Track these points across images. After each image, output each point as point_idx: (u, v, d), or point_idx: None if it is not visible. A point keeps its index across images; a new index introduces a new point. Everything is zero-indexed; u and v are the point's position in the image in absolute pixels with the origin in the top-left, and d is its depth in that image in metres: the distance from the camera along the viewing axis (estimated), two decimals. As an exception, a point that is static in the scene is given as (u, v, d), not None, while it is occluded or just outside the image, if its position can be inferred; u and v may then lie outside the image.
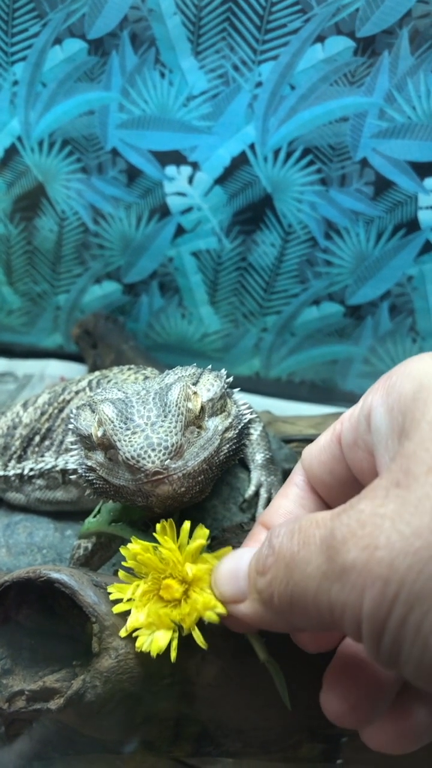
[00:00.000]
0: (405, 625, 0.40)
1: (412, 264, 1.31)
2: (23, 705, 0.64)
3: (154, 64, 1.21)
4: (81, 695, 0.61)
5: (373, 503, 0.43)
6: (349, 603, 0.43)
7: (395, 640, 0.41)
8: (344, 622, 0.44)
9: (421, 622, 0.40)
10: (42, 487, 0.97)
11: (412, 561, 0.40)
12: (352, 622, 0.43)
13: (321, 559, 0.45)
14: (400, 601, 0.40)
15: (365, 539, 0.42)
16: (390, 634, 0.41)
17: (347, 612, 0.43)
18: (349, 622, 0.43)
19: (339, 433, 0.57)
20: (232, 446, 0.73)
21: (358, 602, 0.42)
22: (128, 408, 0.66)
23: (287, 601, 0.47)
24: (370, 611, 0.42)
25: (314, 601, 0.45)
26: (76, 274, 1.47)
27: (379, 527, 0.42)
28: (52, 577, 0.63)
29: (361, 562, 0.42)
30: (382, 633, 0.42)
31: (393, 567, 0.40)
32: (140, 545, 0.61)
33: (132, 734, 0.66)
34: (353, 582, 0.42)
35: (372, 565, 0.41)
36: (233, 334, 1.47)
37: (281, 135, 1.23)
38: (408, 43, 1.12)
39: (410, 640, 0.41)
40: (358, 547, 0.42)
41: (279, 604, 0.48)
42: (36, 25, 1.21)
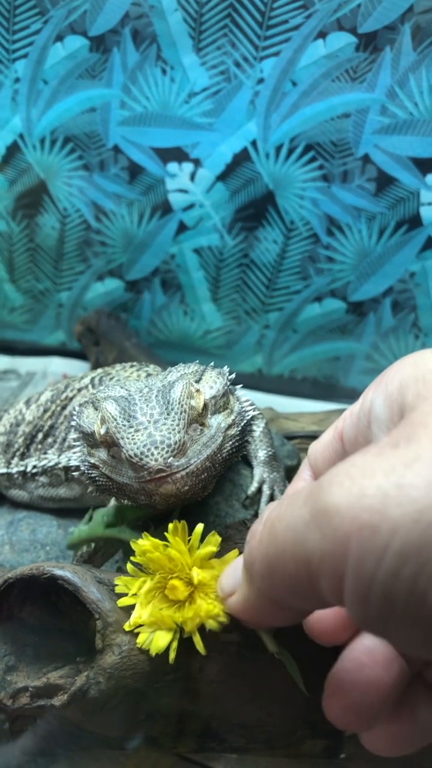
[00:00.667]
0: (397, 579, 0.36)
1: (414, 260, 1.31)
2: (27, 701, 0.65)
3: (156, 60, 1.21)
4: (84, 692, 0.61)
5: (365, 457, 0.40)
6: (328, 553, 0.38)
7: (386, 596, 0.37)
8: (322, 577, 0.39)
9: (417, 576, 0.36)
10: (45, 485, 0.97)
11: (407, 510, 0.36)
12: (332, 577, 0.39)
13: (304, 509, 0.40)
14: (392, 552, 0.36)
15: (354, 487, 0.38)
16: (379, 590, 0.37)
17: (326, 564, 0.39)
18: (329, 577, 0.39)
19: (341, 430, 0.56)
20: (235, 443, 0.73)
21: (341, 552, 0.38)
22: (131, 405, 0.66)
23: (266, 565, 0.44)
24: (355, 563, 0.37)
25: (292, 557, 0.41)
26: (78, 272, 1.47)
27: (370, 477, 0.38)
28: (55, 573, 0.63)
29: (346, 506, 0.37)
30: (369, 588, 0.37)
31: (384, 514, 0.36)
32: (150, 542, 0.61)
33: (135, 730, 0.66)
34: (335, 528, 0.38)
35: (359, 510, 0.37)
36: (235, 331, 1.47)
37: (283, 131, 1.23)
38: (410, 38, 1.12)
39: (403, 596, 0.36)
40: (343, 490, 0.38)
41: (259, 570, 0.45)
42: (37, 22, 1.21)
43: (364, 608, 0.38)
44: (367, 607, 0.38)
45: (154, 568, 0.61)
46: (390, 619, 0.38)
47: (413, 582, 0.36)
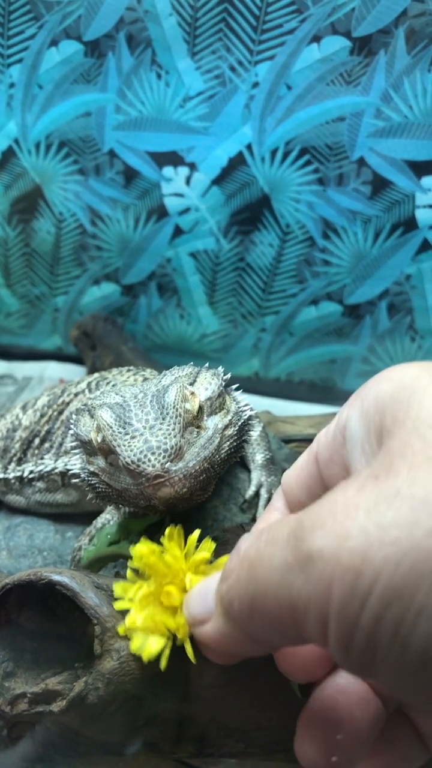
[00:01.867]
0: (381, 624, 0.36)
1: (410, 263, 1.31)
2: (25, 707, 0.64)
3: (151, 65, 1.21)
4: (83, 697, 0.61)
5: (346, 494, 0.39)
6: (314, 597, 0.38)
7: (369, 640, 0.36)
8: (307, 621, 0.39)
9: (400, 621, 0.35)
10: (42, 490, 0.97)
11: (390, 552, 0.35)
12: (316, 621, 0.38)
13: (286, 551, 0.40)
14: (375, 596, 0.35)
15: (336, 528, 0.37)
16: (362, 634, 0.36)
17: (311, 608, 0.38)
18: (314, 621, 0.38)
19: (315, 451, 0.54)
20: (232, 443, 0.73)
21: (325, 596, 0.37)
22: (126, 412, 0.66)
23: (247, 604, 0.43)
24: (338, 607, 0.37)
25: (275, 599, 0.40)
26: (74, 276, 1.47)
27: (352, 517, 0.37)
28: (53, 579, 0.63)
29: (329, 550, 0.37)
30: (353, 632, 0.37)
31: (366, 558, 0.35)
32: (147, 547, 0.61)
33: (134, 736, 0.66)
34: (320, 573, 0.37)
35: (342, 554, 0.36)
36: (232, 334, 1.47)
37: (278, 135, 1.23)
38: (404, 42, 1.12)
39: (387, 640, 0.36)
40: (326, 535, 0.37)
41: (239, 609, 0.44)
42: (32, 27, 1.21)
43: (348, 653, 0.38)
44: (351, 652, 0.38)
45: (151, 573, 0.60)
46: (374, 664, 0.37)
47: (396, 627, 0.35)
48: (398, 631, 0.35)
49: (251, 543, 0.44)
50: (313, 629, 0.39)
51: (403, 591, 0.35)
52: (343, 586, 0.36)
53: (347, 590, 0.36)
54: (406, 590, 0.35)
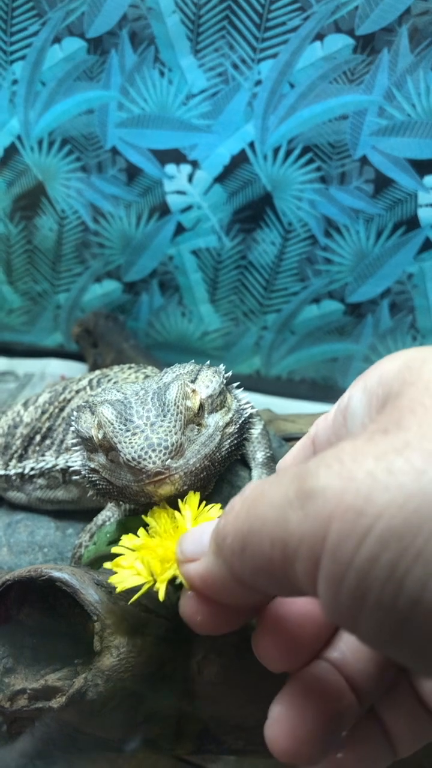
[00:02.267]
0: (376, 564, 0.35)
1: (412, 262, 1.31)
2: (25, 704, 0.64)
3: (154, 62, 1.21)
4: (83, 694, 0.61)
5: (354, 443, 0.38)
6: (309, 533, 0.37)
7: (361, 582, 0.35)
8: (298, 560, 0.38)
9: (396, 562, 0.34)
10: (43, 486, 0.97)
11: (394, 495, 0.35)
12: (307, 559, 0.37)
13: (289, 489, 0.39)
14: (374, 536, 0.35)
15: (342, 470, 0.37)
16: (355, 575, 0.36)
17: (305, 545, 0.37)
18: (305, 560, 0.38)
19: (312, 435, 0.53)
20: (233, 441, 0.73)
21: (321, 533, 0.36)
22: (127, 409, 0.66)
23: (240, 539, 0.42)
24: (334, 544, 0.36)
25: (269, 534, 0.39)
26: (76, 273, 1.47)
27: (359, 462, 0.37)
28: (53, 575, 0.63)
29: (333, 488, 0.36)
30: (345, 573, 0.36)
31: (370, 499, 0.35)
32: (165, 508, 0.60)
33: (134, 732, 0.66)
34: (319, 509, 0.37)
35: (345, 493, 0.36)
36: (233, 332, 1.47)
37: (281, 133, 1.23)
38: (407, 40, 1.12)
39: (380, 582, 0.35)
40: (331, 474, 0.37)
41: (231, 544, 0.43)
42: (35, 24, 1.21)
43: (337, 594, 0.37)
44: (340, 593, 0.37)
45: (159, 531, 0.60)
46: (363, 608, 0.36)
47: (391, 569, 0.35)
48: (393, 573, 0.35)
49: (257, 484, 0.43)
50: (302, 569, 0.38)
51: (403, 533, 0.34)
52: (342, 523, 0.36)
53: (345, 528, 0.36)
54: (407, 532, 0.34)
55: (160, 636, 0.63)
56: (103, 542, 0.72)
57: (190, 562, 0.49)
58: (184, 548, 0.51)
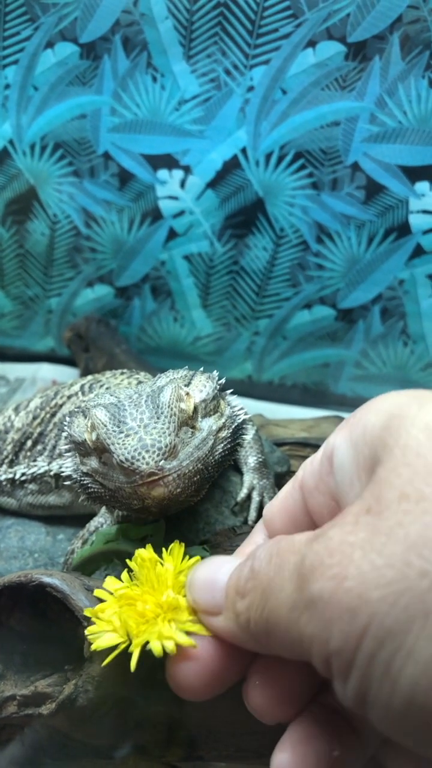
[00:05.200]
0: (373, 663, 0.37)
1: (403, 268, 1.32)
2: (15, 710, 0.64)
3: (146, 68, 1.21)
4: (73, 700, 0.61)
5: (342, 530, 0.40)
6: (316, 636, 0.40)
7: (363, 678, 0.38)
8: (313, 655, 0.41)
9: (391, 660, 0.36)
10: (34, 492, 0.97)
11: (384, 593, 0.37)
12: (320, 657, 0.40)
13: (292, 587, 0.42)
14: (370, 636, 0.37)
15: (333, 568, 0.39)
16: (358, 672, 0.38)
17: (315, 645, 0.40)
18: (318, 656, 0.40)
19: (301, 479, 0.54)
20: (226, 446, 0.73)
21: (326, 635, 0.39)
22: (120, 411, 0.66)
23: (263, 628, 0.45)
24: (337, 646, 0.38)
25: (287, 631, 0.42)
26: (68, 278, 1.47)
27: (348, 556, 0.39)
28: (43, 581, 0.63)
29: (328, 592, 0.39)
30: (349, 670, 0.38)
31: (363, 598, 0.37)
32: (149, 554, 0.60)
33: (124, 739, 0.65)
34: (320, 613, 0.39)
35: (340, 595, 0.38)
36: (225, 337, 1.48)
37: (273, 139, 1.23)
38: (399, 48, 1.12)
39: (378, 679, 0.37)
40: (325, 576, 0.39)
41: (255, 630, 0.46)
42: (28, 29, 1.21)
43: (344, 690, 0.39)
44: (347, 689, 0.39)
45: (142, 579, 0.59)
46: (365, 704, 0.38)
47: (387, 667, 0.36)
48: (388, 672, 0.36)
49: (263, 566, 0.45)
50: (319, 664, 0.41)
51: (396, 632, 0.36)
52: (340, 626, 0.38)
53: (344, 630, 0.38)
54: (398, 631, 0.36)
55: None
56: (99, 543, 0.72)
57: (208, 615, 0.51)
58: (199, 599, 0.52)
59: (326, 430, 1.09)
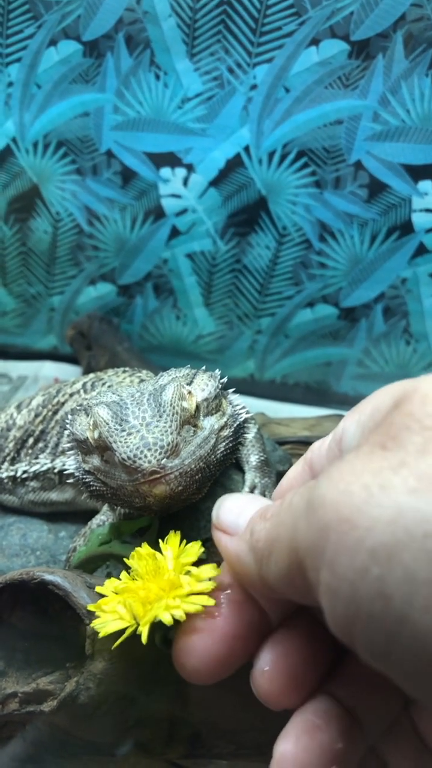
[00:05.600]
0: (366, 578, 0.36)
1: (405, 266, 1.31)
2: (16, 707, 0.64)
3: (149, 66, 1.21)
4: (74, 697, 0.61)
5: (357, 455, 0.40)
6: (311, 544, 0.39)
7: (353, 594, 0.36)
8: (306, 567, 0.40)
9: (384, 578, 0.35)
10: (36, 489, 0.97)
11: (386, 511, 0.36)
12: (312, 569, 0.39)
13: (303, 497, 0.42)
14: (365, 549, 0.36)
15: (340, 484, 0.39)
16: (348, 586, 0.37)
17: (309, 555, 0.39)
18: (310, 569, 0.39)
19: (310, 459, 0.54)
20: (228, 444, 0.73)
21: (321, 544, 0.38)
22: (123, 410, 0.67)
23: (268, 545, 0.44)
24: (331, 556, 0.37)
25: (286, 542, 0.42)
26: (70, 276, 1.47)
27: (357, 476, 0.38)
28: (45, 579, 0.63)
29: (331, 499, 0.38)
30: (339, 584, 0.37)
31: (363, 512, 0.36)
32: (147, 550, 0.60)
33: (125, 736, 0.65)
34: (319, 519, 0.38)
35: (340, 505, 0.37)
36: (228, 336, 1.47)
37: (276, 137, 1.23)
38: (402, 46, 1.12)
39: (370, 597, 0.36)
40: (332, 487, 0.39)
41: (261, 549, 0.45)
42: (31, 27, 1.21)
43: (333, 607, 0.38)
44: (336, 606, 0.38)
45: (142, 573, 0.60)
46: (355, 622, 0.37)
47: (380, 584, 0.35)
48: (382, 589, 0.35)
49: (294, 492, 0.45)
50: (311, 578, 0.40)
51: (392, 549, 0.35)
52: (337, 535, 0.37)
53: (340, 540, 0.37)
54: (395, 548, 0.35)
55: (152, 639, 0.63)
56: (95, 544, 0.72)
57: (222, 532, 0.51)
58: (219, 513, 0.52)
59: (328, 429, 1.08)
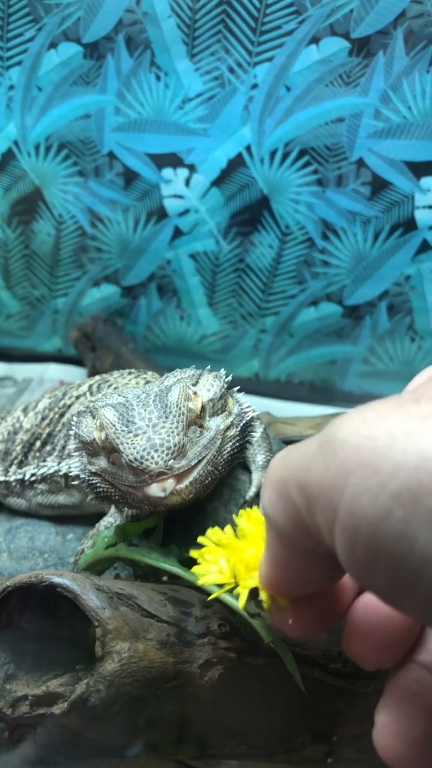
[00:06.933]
0: (389, 519, 0.35)
1: (409, 263, 1.31)
2: (27, 710, 0.64)
3: (150, 66, 1.21)
4: (85, 699, 0.61)
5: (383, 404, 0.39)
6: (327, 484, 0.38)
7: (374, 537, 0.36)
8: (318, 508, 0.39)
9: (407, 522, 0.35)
10: (44, 492, 0.97)
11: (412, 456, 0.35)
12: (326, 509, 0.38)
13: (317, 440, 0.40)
14: (388, 493, 0.35)
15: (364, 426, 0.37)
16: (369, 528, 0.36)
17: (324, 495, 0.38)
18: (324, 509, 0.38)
19: None
20: (235, 444, 0.73)
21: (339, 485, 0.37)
22: (129, 411, 0.67)
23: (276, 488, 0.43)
24: (350, 497, 0.36)
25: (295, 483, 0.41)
26: (74, 278, 1.47)
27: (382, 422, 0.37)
28: (54, 581, 0.63)
29: (352, 441, 0.37)
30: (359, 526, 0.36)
31: (387, 456, 0.35)
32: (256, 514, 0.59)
33: (136, 737, 0.66)
34: (338, 461, 0.37)
35: (363, 448, 0.36)
36: (232, 335, 1.47)
37: (277, 136, 1.23)
38: (402, 43, 1.12)
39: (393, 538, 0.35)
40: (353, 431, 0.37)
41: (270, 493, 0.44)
42: (31, 30, 1.22)
43: (353, 547, 0.37)
44: (356, 546, 0.37)
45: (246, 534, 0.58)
46: (376, 562, 0.37)
47: (403, 527, 0.35)
48: (405, 531, 0.35)
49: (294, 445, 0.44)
50: (322, 518, 0.39)
51: (417, 493, 0.34)
52: (358, 477, 0.36)
53: (361, 482, 0.36)
54: (420, 493, 0.34)
55: (161, 641, 0.63)
56: (101, 546, 0.73)
57: None
58: None
59: (334, 428, 1.08)
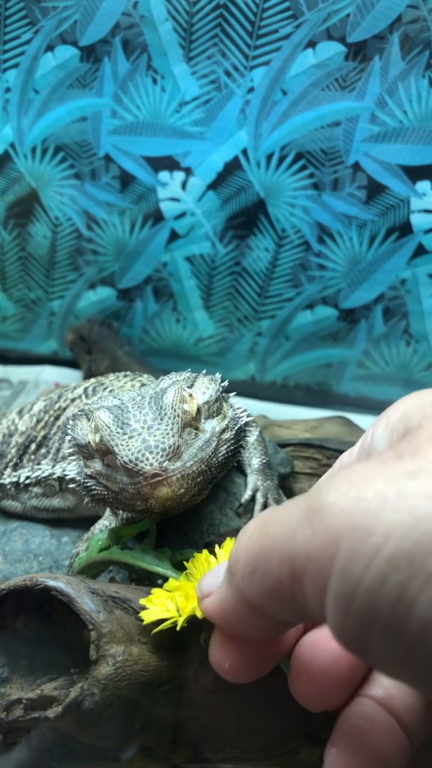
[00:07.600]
0: (384, 587, 0.34)
1: (405, 267, 1.32)
2: (21, 713, 0.64)
3: (146, 70, 1.22)
4: (79, 703, 0.61)
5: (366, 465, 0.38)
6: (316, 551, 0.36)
7: (370, 604, 0.35)
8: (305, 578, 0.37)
9: (405, 585, 0.33)
10: (39, 495, 0.97)
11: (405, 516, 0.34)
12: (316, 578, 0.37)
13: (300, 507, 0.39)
14: (383, 557, 0.34)
15: (351, 490, 0.36)
16: (364, 596, 0.35)
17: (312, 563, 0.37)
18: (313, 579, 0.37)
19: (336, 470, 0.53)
20: (229, 447, 0.74)
21: (329, 551, 0.36)
22: (124, 413, 0.67)
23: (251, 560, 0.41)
24: (343, 564, 0.35)
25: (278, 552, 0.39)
26: (70, 280, 1.47)
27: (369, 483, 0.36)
28: (49, 584, 0.63)
29: (341, 506, 0.36)
30: (353, 593, 0.35)
31: (380, 518, 0.34)
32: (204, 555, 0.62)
33: (130, 741, 0.65)
34: (327, 527, 0.36)
35: (354, 511, 0.35)
36: (228, 338, 1.48)
37: (274, 140, 1.23)
38: (398, 48, 1.12)
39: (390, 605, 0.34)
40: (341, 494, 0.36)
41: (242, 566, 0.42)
42: (28, 32, 1.22)
43: (346, 616, 0.36)
44: (349, 614, 0.36)
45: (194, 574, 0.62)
46: (372, 630, 0.35)
47: (401, 591, 0.34)
48: (403, 595, 0.34)
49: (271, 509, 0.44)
50: (310, 588, 0.38)
51: (413, 555, 0.33)
52: (351, 542, 0.35)
53: (354, 547, 0.35)
54: (417, 554, 0.33)
55: (156, 644, 0.63)
56: (95, 550, 0.73)
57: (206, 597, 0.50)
58: (202, 584, 0.51)
59: (330, 431, 1.09)
